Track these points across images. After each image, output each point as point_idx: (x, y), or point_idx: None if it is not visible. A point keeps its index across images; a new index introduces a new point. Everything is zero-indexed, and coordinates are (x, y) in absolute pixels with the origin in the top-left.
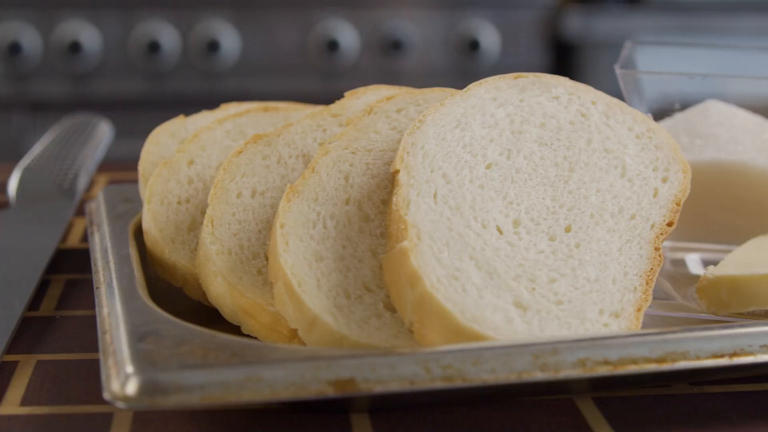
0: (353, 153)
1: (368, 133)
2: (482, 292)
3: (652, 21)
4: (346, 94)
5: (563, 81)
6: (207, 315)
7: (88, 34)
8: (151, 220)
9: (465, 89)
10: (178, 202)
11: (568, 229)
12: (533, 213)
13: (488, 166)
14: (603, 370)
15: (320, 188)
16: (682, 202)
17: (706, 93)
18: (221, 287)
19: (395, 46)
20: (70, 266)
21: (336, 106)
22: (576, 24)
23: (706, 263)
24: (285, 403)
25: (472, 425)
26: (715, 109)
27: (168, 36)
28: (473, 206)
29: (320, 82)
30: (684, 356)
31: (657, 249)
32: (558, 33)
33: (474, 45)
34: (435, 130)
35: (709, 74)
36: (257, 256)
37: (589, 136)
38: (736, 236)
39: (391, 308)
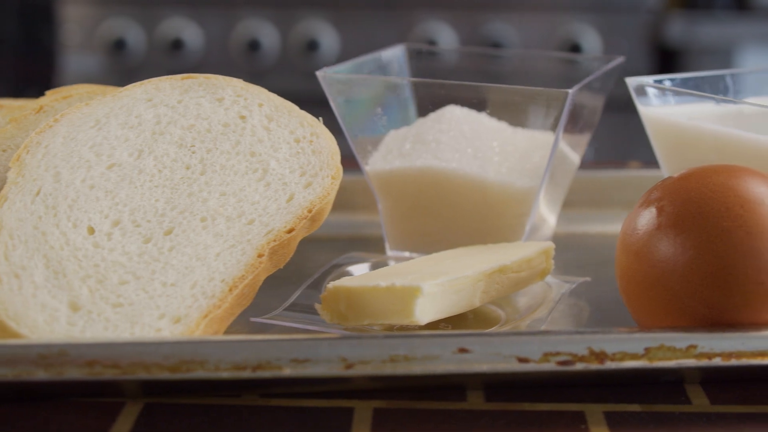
0: (4, 151)
1: (29, 131)
2: (39, 291)
3: (758, 28)
4: (47, 92)
5: (234, 82)
6: None
7: (190, 32)
8: None
9: (122, 88)
10: None
11: (168, 232)
12: (138, 215)
13: (110, 167)
14: (109, 374)
15: None
16: (317, 209)
17: None
18: None
19: (494, 48)
20: None
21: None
22: (680, 29)
23: None
24: None
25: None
26: (450, 115)
27: (268, 35)
28: (72, 206)
29: None
30: (202, 366)
31: (260, 256)
32: (661, 38)
33: (575, 49)
34: (67, 129)
35: (416, 80)
36: None
37: (238, 139)
38: (453, 247)
39: None
